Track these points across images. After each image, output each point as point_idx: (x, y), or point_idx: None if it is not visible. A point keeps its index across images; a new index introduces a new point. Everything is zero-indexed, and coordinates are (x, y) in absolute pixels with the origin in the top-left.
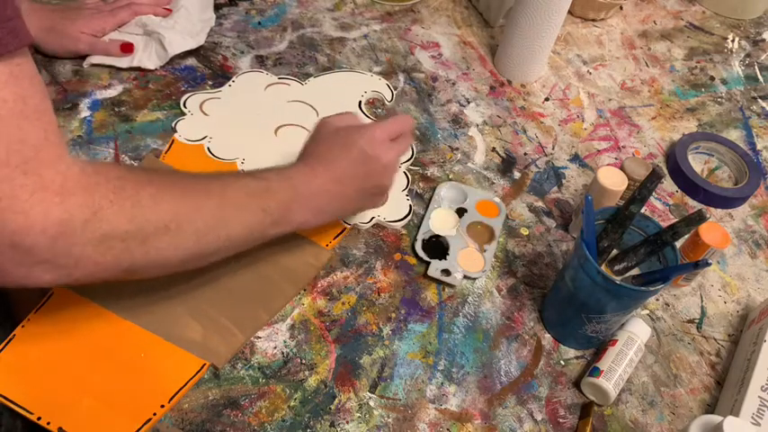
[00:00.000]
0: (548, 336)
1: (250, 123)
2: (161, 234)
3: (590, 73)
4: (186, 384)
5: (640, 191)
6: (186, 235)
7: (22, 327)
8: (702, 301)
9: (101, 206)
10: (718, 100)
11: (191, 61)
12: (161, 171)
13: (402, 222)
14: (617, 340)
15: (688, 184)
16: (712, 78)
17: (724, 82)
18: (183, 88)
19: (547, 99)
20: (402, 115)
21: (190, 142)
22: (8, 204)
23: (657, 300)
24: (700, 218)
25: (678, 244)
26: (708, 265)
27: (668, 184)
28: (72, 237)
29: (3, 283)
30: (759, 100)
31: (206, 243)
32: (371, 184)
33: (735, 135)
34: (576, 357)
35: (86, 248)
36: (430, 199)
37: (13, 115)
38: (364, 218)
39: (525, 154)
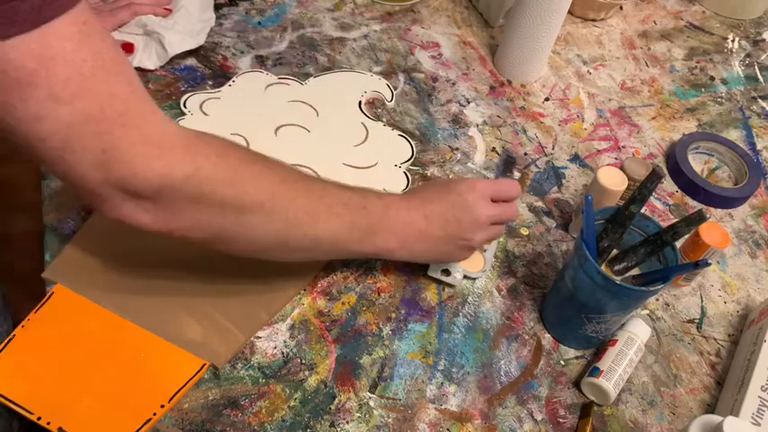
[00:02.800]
0: (548, 336)
1: (250, 123)
2: (256, 210)
3: (590, 73)
4: (186, 384)
5: (640, 191)
6: (278, 219)
7: (22, 327)
8: (702, 301)
9: (202, 166)
10: (718, 100)
11: (191, 61)
12: (264, 156)
13: None
14: (617, 340)
15: (688, 184)
16: (712, 78)
17: (724, 82)
18: (182, 88)
19: (547, 99)
20: (511, 180)
21: None
22: (112, 156)
23: (657, 300)
24: (700, 218)
25: (678, 244)
26: (708, 265)
27: (668, 184)
28: (172, 189)
29: (111, 216)
30: (759, 100)
31: (292, 235)
32: (459, 234)
33: (735, 135)
34: (576, 357)
35: (185, 202)
36: None
37: (96, 72)
38: None
39: (525, 154)
